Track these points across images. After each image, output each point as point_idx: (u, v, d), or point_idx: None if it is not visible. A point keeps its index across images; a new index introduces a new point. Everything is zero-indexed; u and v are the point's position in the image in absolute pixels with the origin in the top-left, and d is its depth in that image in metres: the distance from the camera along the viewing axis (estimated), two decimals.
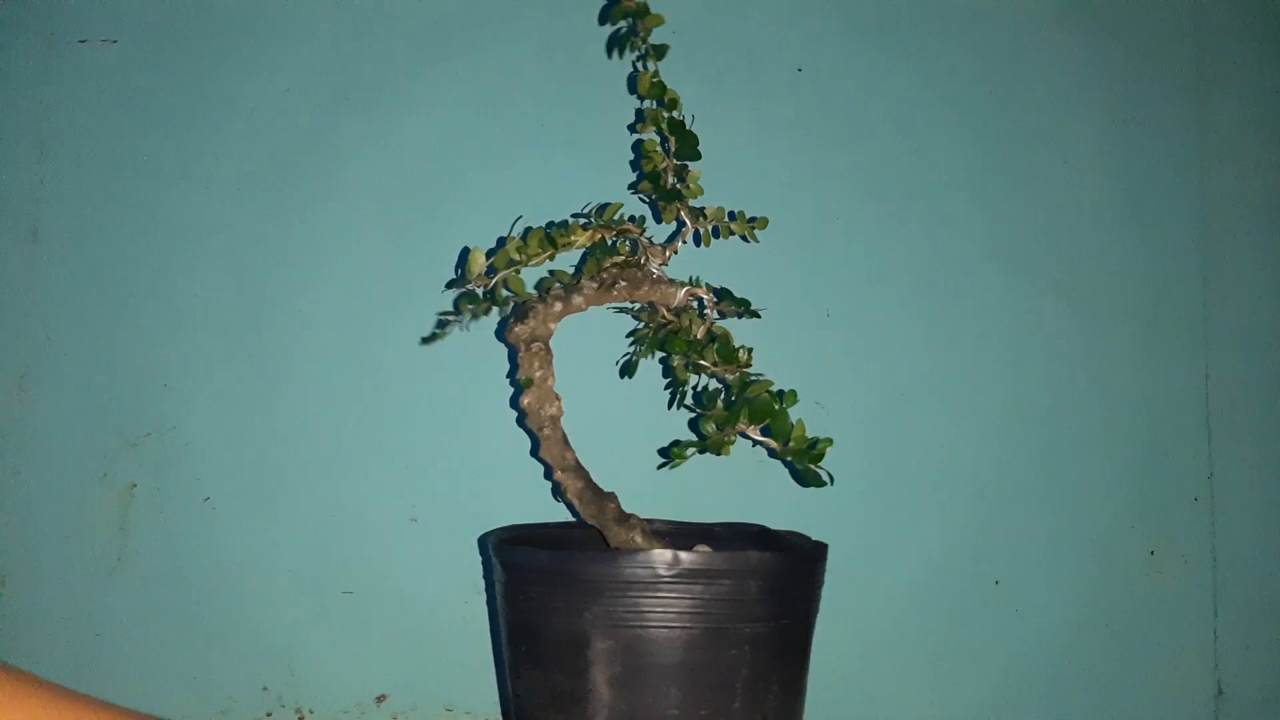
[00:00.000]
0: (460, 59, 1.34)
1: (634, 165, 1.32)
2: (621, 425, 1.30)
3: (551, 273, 1.08)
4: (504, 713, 1.24)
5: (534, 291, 1.08)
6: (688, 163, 1.06)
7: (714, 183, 1.33)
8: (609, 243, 1.06)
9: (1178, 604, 1.36)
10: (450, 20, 1.35)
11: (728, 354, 0.98)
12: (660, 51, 1.06)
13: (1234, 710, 1.35)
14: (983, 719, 1.33)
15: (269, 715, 1.27)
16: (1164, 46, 1.41)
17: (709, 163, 1.29)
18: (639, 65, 1.08)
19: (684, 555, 0.92)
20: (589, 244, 1.05)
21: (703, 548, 1.04)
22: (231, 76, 1.33)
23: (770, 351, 1.32)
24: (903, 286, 1.36)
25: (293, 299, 1.31)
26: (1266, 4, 1.43)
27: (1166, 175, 1.40)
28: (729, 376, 0.98)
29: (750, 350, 1.00)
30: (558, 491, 1.09)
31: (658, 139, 1.07)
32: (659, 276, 1.06)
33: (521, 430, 1.30)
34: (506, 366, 1.31)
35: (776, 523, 1.17)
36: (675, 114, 1.05)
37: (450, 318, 1.07)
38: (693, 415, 1.14)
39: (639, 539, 1.05)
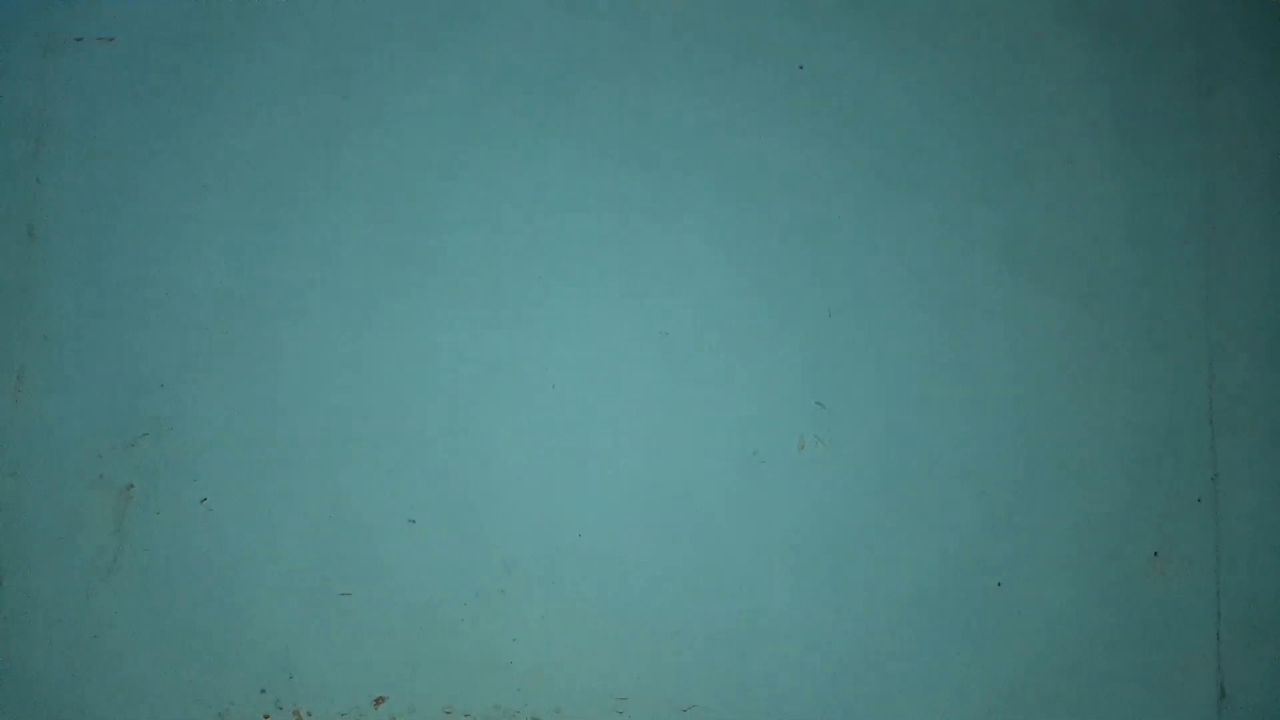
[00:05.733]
0: (459, 59, 1.34)
1: (632, 162, 1.32)
2: (624, 423, 1.29)
3: None
4: None
5: None
6: None
7: (715, 183, 1.34)
8: None
9: (1181, 605, 1.35)
10: (449, 21, 1.35)
11: None
12: None
13: (1237, 712, 1.35)
14: (983, 719, 1.33)
15: (267, 717, 1.27)
16: (1165, 46, 1.41)
17: (710, 162, 1.30)
18: None
19: None
20: None
21: None
22: (231, 76, 1.33)
23: (771, 351, 1.32)
24: (904, 286, 1.36)
25: (292, 299, 1.31)
26: (1266, 4, 1.43)
27: (1169, 174, 1.40)
28: None
29: None
30: None
31: None
32: None
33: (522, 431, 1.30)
34: (506, 367, 1.30)
35: (779, 521, 1.16)
36: None
37: None
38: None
39: None
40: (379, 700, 1.27)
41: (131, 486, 1.28)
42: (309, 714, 1.27)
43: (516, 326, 1.30)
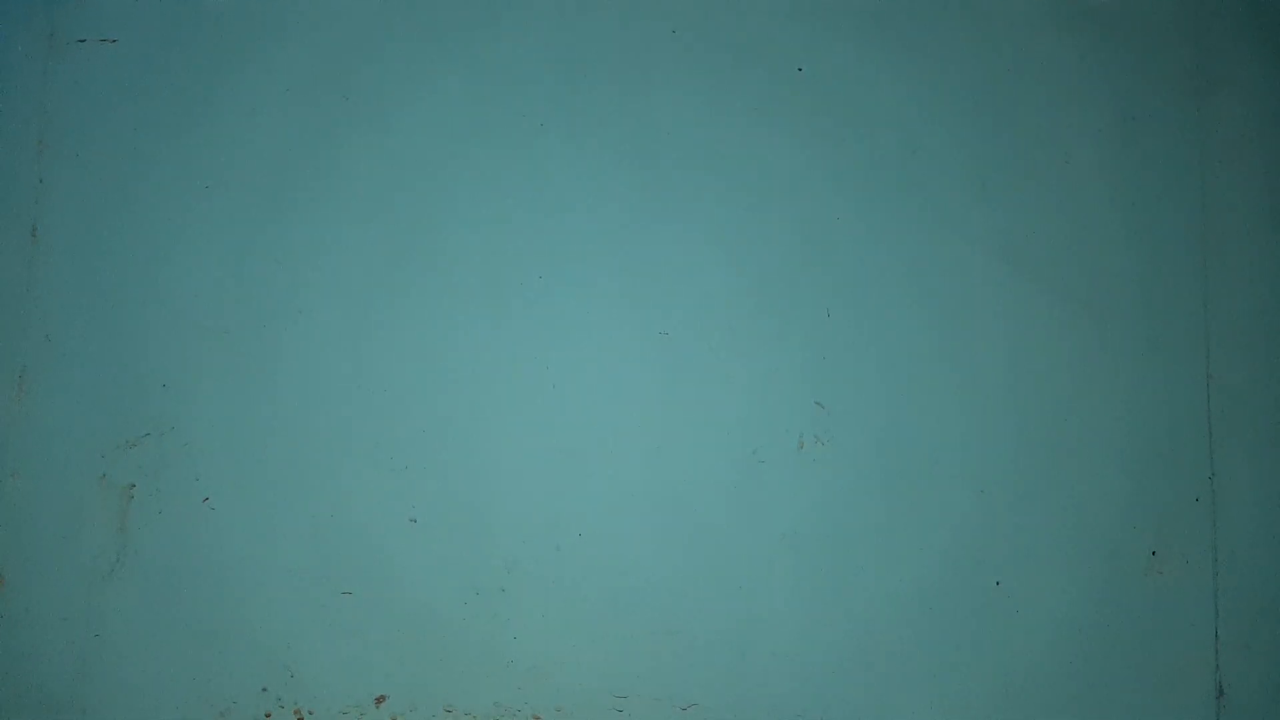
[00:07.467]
0: (459, 59, 1.34)
1: (632, 162, 1.33)
2: (624, 423, 1.29)
3: None
4: None
5: None
6: None
7: (715, 183, 1.34)
8: None
9: (1179, 604, 1.36)
10: (449, 21, 1.35)
11: None
12: None
13: (1235, 710, 1.35)
14: (983, 719, 1.33)
15: (268, 716, 1.27)
16: (1164, 46, 1.41)
17: (710, 162, 1.30)
18: None
19: None
20: None
21: None
22: (231, 76, 1.33)
23: (771, 351, 1.33)
24: (903, 286, 1.36)
25: (292, 299, 1.31)
26: (1266, 4, 1.43)
27: (1167, 175, 1.40)
28: None
29: None
30: None
31: None
32: None
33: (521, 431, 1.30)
34: (506, 367, 1.30)
35: (779, 520, 1.17)
36: None
37: None
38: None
39: None
40: (380, 699, 1.28)
41: (133, 486, 1.29)
42: (310, 712, 1.27)
43: (516, 327, 1.31)
